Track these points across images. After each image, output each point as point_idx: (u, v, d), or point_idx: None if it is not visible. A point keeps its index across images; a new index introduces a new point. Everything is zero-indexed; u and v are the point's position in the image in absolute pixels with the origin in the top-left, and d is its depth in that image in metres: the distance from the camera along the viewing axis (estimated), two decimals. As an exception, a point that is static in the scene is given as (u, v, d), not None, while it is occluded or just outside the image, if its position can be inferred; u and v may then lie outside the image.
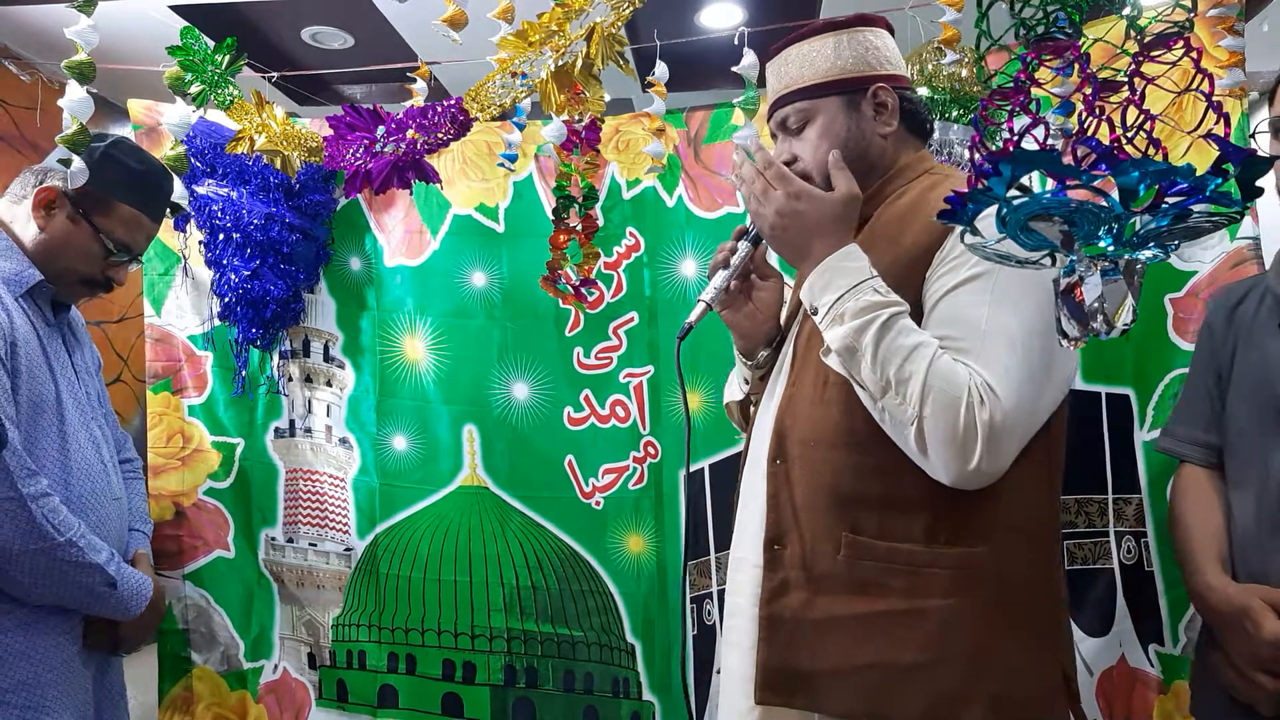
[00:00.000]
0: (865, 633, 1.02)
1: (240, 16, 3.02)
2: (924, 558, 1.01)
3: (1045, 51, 0.81)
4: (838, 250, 1.05)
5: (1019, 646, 1.02)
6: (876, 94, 1.14)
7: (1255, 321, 1.21)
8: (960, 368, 0.96)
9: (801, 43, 1.17)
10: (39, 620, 1.34)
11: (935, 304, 1.02)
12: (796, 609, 1.06)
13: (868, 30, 1.16)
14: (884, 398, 0.98)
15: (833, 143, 1.14)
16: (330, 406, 2.17)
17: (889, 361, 0.97)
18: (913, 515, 1.02)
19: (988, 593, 1.00)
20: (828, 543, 1.05)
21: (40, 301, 1.45)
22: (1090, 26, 1.27)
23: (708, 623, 1.98)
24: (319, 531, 2.16)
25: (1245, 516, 1.18)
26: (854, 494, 1.05)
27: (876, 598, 1.02)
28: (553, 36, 1.34)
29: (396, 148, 1.55)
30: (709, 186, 1.99)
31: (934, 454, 0.96)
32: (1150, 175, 0.61)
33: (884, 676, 1.00)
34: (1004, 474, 0.98)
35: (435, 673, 2.08)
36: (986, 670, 0.99)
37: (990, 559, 1.01)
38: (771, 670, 1.07)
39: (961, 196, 0.69)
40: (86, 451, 1.45)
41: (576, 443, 2.04)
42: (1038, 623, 1.05)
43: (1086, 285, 0.68)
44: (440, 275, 2.10)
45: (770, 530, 1.11)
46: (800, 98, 1.15)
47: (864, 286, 1.01)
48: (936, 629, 0.99)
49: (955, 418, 0.94)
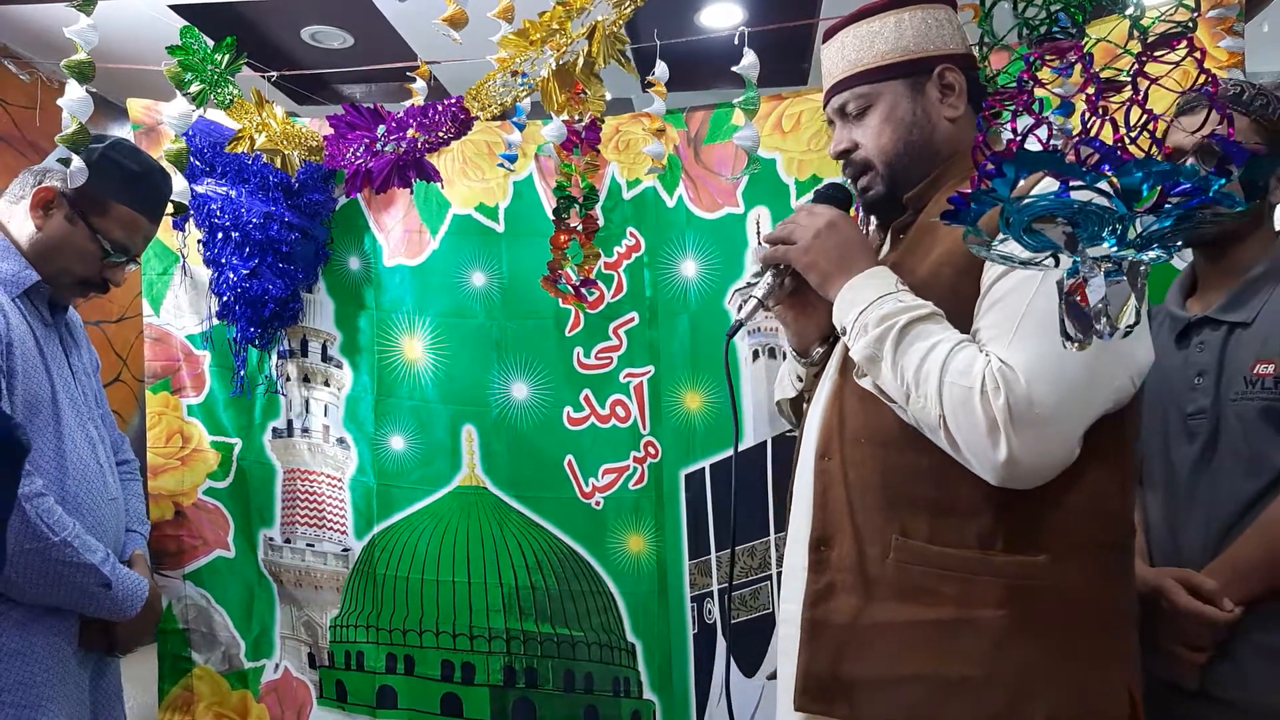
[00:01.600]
0: (912, 642, 0.97)
1: (240, 16, 3.02)
2: (977, 565, 0.95)
3: (1048, 51, 0.81)
4: (862, 273, 1.04)
5: (1078, 666, 0.95)
6: (943, 75, 1.09)
7: (1157, 339, 1.31)
8: (979, 357, 0.92)
9: (860, 23, 1.11)
10: (34, 620, 1.33)
11: (985, 294, 0.98)
12: (840, 613, 1.01)
13: (932, 7, 1.10)
14: (909, 404, 0.95)
15: (896, 129, 1.09)
16: (328, 406, 2.17)
17: (908, 365, 0.94)
18: (966, 519, 0.97)
19: (1046, 607, 0.95)
20: (877, 545, 1.00)
21: (37, 302, 1.44)
22: (1093, 26, 1.27)
23: (708, 622, 1.98)
24: (316, 532, 2.16)
25: (1156, 511, 1.32)
26: (904, 495, 1.00)
27: (926, 605, 0.97)
28: (553, 35, 1.33)
29: (397, 147, 1.55)
30: (709, 187, 1.99)
31: (966, 451, 0.92)
32: (1153, 175, 0.61)
33: (929, 690, 0.96)
34: (1066, 476, 0.93)
35: (434, 673, 2.08)
36: (1040, 690, 0.93)
37: (1050, 570, 0.95)
38: (812, 676, 1.02)
39: (965, 197, 0.69)
40: (83, 452, 1.44)
41: (576, 443, 2.04)
42: (1101, 641, 0.98)
43: (1090, 286, 0.68)
44: (440, 275, 2.10)
45: (816, 531, 1.06)
46: (860, 82, 1.10)
47: (885, 299, 0.99)
48: (988, 643, 0.94)
49: (973, 409, 0.89)
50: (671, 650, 1.99)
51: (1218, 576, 1.18)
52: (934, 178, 1.10)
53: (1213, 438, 1.23)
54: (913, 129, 1.09)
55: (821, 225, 1.08)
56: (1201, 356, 1.27)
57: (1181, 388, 1.28)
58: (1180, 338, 1.32)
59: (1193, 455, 1.26)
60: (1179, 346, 1.31)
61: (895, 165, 1.10)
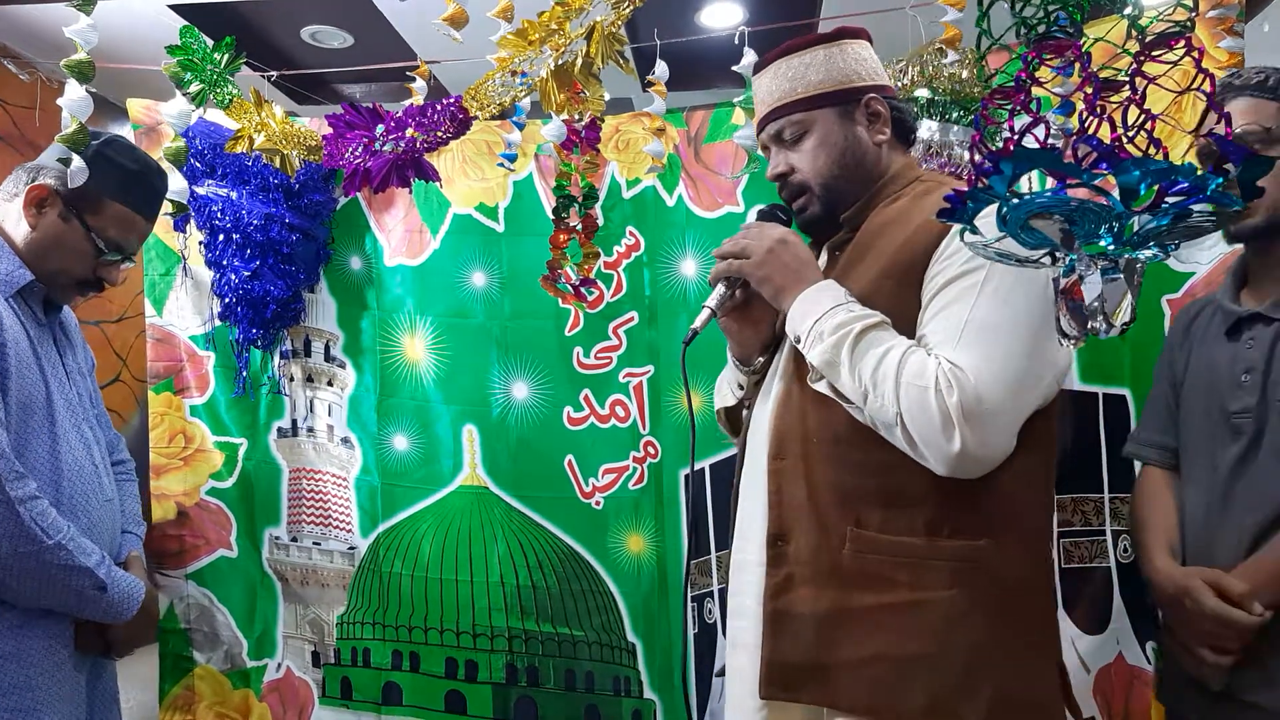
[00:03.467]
0: (870, 626, 1.04)
1: (239, 15, 3.02)
2: (925, 551, 1.03)
3: (1046, 51, 0.81)
4: (812, 285, 1.11)
5: (1019, 641, 1.04)
6: (869, 104, 1.19)
7: (1206, 333, 1.31)
8: (930, 359, 1.00)
9: (790, 57, 1.20)
10: (30, 623, 1.32)
11: (928, 303, 1.06)
12: (802, 603, 1.07)
13: (854, 42, 1.21)
14: (866, 404, 1.03)
15: (830, 153, 1.18)
16: (331, 406, 2.17)
17: (865, 368, 1.02)
18: (914, 510, 1.05)
19: (988, 586, 1.03)
20: (833, 537, 1.07)
21: (31, 301, 1.43)
22: (1091, 26, 1.27)
23: (708, 621, 1.98)
24: (323, 530, 2.16)
25: (1195, 507, 1.28)
26: (857, 489, 1.07)
27: (882, 591, 1.04)
28: (552, 35, 1.34)
29: (396, 146, 1.55)
30: (709, 186, 1.99)
31: (921, 446, 1.00)
32: (1151, 174, 0.61)
33: (889, 669, 1.02)
34: (1001, 468, 1.01)
35: (438, 670, 2.09)
36: (989, 664, 1.01)
37: (990, 553, 1.03)
38: (776, 665, 1.08)
39: (961, 195, 0.69)
40: (78, 453, 1.43)
41: (576, 442, 2.04)
42: (1035, 618, 1.08)
43: (1086, 284, 0.69)
44: (440, 275, 2.10)
45: (773, 526, 1.12)
46: (795, 110, 1.19)
47: (837, 309, 1.07)
48: (940, 621, 1.01)
49: (928, 406, 0.97)
50: (672, 650, 1.99)
51: (1248, 579, 1.15)
52: (868, 198, 1.19)
53: (1256, 437, 1.19)
54: (846, 153, 1.18)
55: (774, 242, 1.16)
56: (1250, 353, 1.22)
57: (1228, 384, 1.24)
58: (1230, 332, 1.27)
59: (1235, 454, 1.21)
60: (1229, 340, 1.26)
61: (831, 187, 1.19)
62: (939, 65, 1.58)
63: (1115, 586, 1.68)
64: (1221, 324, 1.29)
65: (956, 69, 1.56)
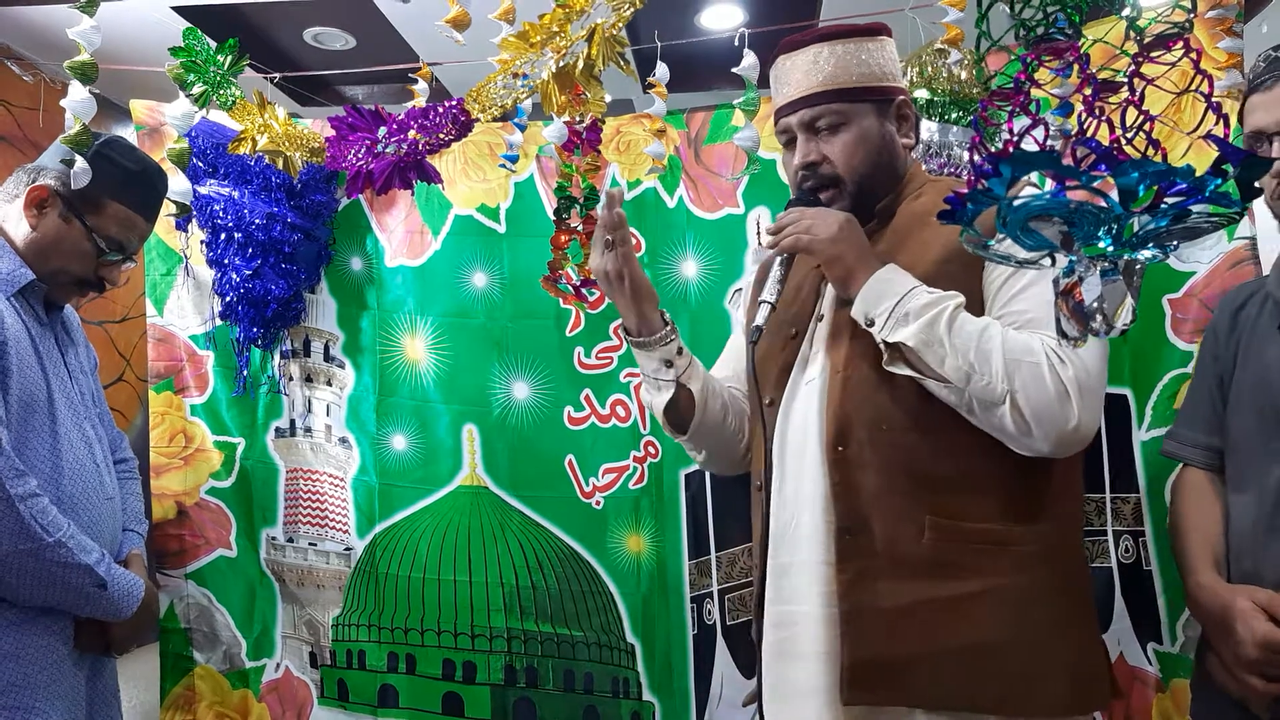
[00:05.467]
0: (950, 616, 1.03)
1: (242, 17, 3.03)
2: (1005, 535, 1.04)
3: (1045, 52, 0.82)
4: (881, 268, 1.09)
5: (1079, 620, 1.07)
6: (901, 107, 1.19)
7: (1257, 325, 1.22)
8: (1032, 337, 0.99)
9: (834, 42, 1.16)
10: (29, 621, 1.32)
11: (1000, 287, 1.06)
12: (882, 598, 1.04)
13: (890, 41, 1.19)
14: (969, 384, 1.00)
15: (868, 149, 1.16)
16: (330, 406, 2.17)
17: (967, 347, 1.00)
18: (990, 495, 1.05)
19: (1052, 569, 1.05)
20: (910, 526, 1.05)
21: (32, 300, 1.44)
22: (1090, 27, 1.27)
23: (708, 622, 1.98)
24: (319, 531, 2.16)
25: (1242, 519, 1.18)
26: (933, 475, 1.06)
27: (960, 579, 1.03)
28: (554, 37, 1.34)
29: (398, 148, 1.55)
30: (710, 187, 2.00)
31: (1035, 424, 0.98)
32: (1149, 176, 0.62)
33: (971, 660, 1.02)
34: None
35: (435, 672, 2.08)
36: (1061, 646, 1.03)
37: (1052, 536, 1.05)
38: (860, 666, 1.03)
39: (961, 197, 0.70)
40: (79, 451, 1.43)
41: (577, 442, 2.04)
42: (1086, 597, 1.12)
43: (1086, 285, 0.69)
44: (441, 275, 2.10)
45: (842, 520, 1.08)
46: (837, 99, 1.15)
47: (918, 290, 1.05)
48: (1015, 607, 1.02)
49: (1044, 382, 0.97)
50: (671, 651, 1.99)
51: None
52: (894, 195, 1.20)
53: None
54: (881, 151, 1.17)
55: (843, 220, 1.12)
56: None
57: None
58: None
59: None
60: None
61: (863, 183, 1.18)
62: (939, 66, 1.58)
63: (1117, 587, 1.67)
64: (1274, 316, 1.19)
65: (956, 69, 1.56)
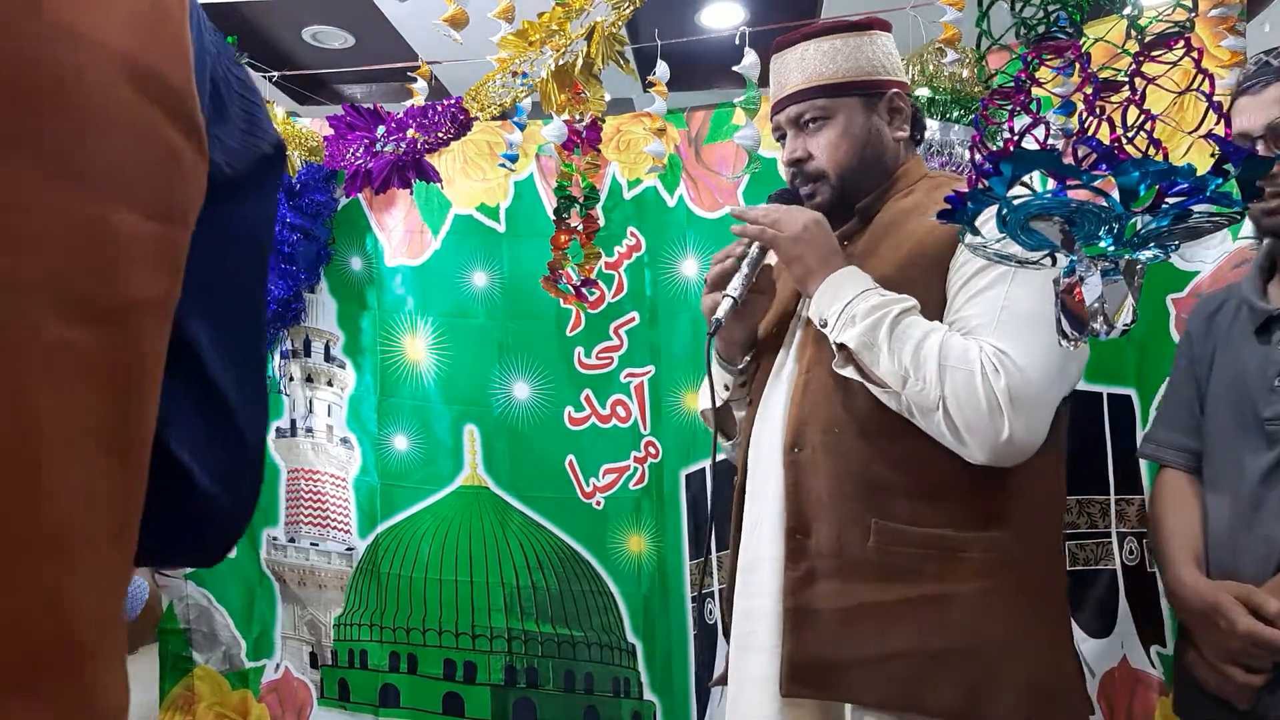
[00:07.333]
0: (897, 620, 1.02)
1: (241, 16, 3.03)
2: (956, 542, 1.02)
3: (1046, 51, 0.81)
4: (839, 270, 1.09)
5: (1043, 631, 1.04)
6: (893, 99, 1.17)
7: (1231, 329, 1.25)
8: (971, 344, 0.99)
9: (820, 39, 1.16)
10: None
11: (958, 291, 1.05)
12: (824, 599, 1.05)
13: (883, 34, 1.18)
14: (905, 388, 1.00)
15: (852, 144, 1.16)
16: (331, 406, 2.17)
17: (904, 351, 0.99)
18: (943, 500, 1.04)
19: (1012, 578, 1.02)
20: (856, 529, 1.05)
21: None
22: (1091, 26, 1.27)
23: (709, 622, 1.98)
24: (320, 531, 2.16)
25: (1220, 517, 1.22)
26: (883, 481, 1.05)
27: (908, 584, 1.02)
28: (553, 36, 1.34)
29: (397, 147, 1.55)
30: (710, 186, 1.99)
31: (965, 432, 0.98)
32: (1151, 175, 0.61)
33: (917, 664, 1.01)
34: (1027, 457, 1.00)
35: (436, 672, 2.08)
36: (1017, 655, 1.01)
37: (1014, 545, 1.03)
38: (799, 662, 1.05)
39: (961, 196, 0.69)
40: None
41: (577, 442, 2.04)
42: (1054, 608, 1.09)
43: (1087, 285, 0.68)
44: (441, 275, 2.10)
45: (791, 520, 1.09)
46: (821, 95, 1.15)
47: (869, 292, 1.05)
48: (969, 615, 1.01)
49: (975, 391, 0.96)
50: (672, 651, 1.99)
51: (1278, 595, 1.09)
52: (881, 191, 1.18)
53: None
54: (866, 145, 1.16)
55: (809, 220, 1.12)
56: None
57: (1260, 387, 1.16)
58: (1260, 331, 1.18)
59: (1266, 463, 1.13)
60: (1259, 341, 1.18)
61: (848, 178, 1.17)
62: (939, 65, 1.57)
63: (1120, 590, 1.67)
64: (1249, 321, 1.21)
65: (956, 68, 1.56)
